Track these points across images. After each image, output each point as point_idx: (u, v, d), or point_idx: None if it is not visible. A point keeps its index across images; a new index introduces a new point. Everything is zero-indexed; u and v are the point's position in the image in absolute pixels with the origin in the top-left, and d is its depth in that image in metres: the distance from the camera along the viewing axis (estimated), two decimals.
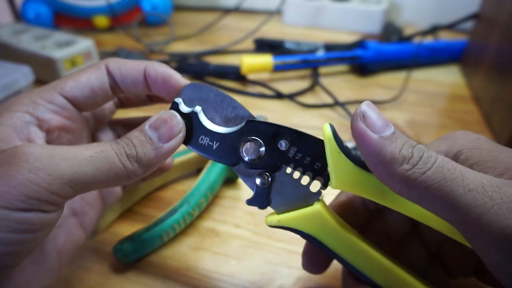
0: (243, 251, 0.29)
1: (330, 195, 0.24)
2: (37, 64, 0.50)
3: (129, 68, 0.23)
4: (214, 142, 0.21)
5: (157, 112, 0.22)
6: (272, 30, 0.75)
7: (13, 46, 0.53)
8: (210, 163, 0.33)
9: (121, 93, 0.24)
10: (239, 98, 0.51)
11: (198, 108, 0.21)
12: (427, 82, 0.56)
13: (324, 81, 0.56)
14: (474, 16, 0.56)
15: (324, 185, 0.21)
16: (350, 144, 0.38)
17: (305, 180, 0.21)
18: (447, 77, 0.58)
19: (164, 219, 0.28)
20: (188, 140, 0.21)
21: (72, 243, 0.23)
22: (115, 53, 0.60)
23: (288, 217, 0.21)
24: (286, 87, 0.53)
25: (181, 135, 0.21)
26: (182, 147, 0.22)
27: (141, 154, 0.20)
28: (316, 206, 0.21)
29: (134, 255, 0.27)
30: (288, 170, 0.21)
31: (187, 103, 0.22)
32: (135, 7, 0.73)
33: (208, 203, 0.32)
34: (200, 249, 0.29)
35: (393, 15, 0.81)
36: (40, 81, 0.51)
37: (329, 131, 0.20)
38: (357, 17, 0.75)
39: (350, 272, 0.22)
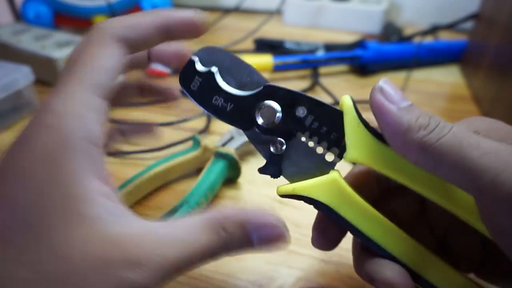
0: None
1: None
2: (37, 64, 0.50)
3: (142, 33, 0.20)
4: (229, 104, 0.20)
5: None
6: (272, 30, 0.75)
7: (13, 46, 0.53)
8: (210, 163, 0.33)
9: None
10: None
11: (214, 69, 0.21)
12: (427, 82, 0.56)
13: (324, 81, 0.56)
14: (474, 16, 0.56)
15: (339, 156, 0.20)
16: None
17: (320, 150, 0.21)
18: (447, 77, 0.58)
19: (163, 219, 0.28)
20: (201, 100, 0.21)
21: None
22: None
23: (303, 185, 0.20)
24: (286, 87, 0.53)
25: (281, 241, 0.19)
26: (183, 146, 0.22)
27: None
28: (333, 174, 0.20)
29: None
30: (303, 138, 0.20)
31: (202, 63, 0.21)
32: (135, 7, 0.73)
33: (208, 203, 0.32)
34: None
35: (393, 15, 0.81)
36: (40, 81, 0.51)
37: (350, 101, 0.20)
38: (357, 17, 0.75)
39: (364, 247, 0.21)
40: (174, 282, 0.26)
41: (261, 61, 0.54)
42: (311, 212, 0.33)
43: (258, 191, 0.34)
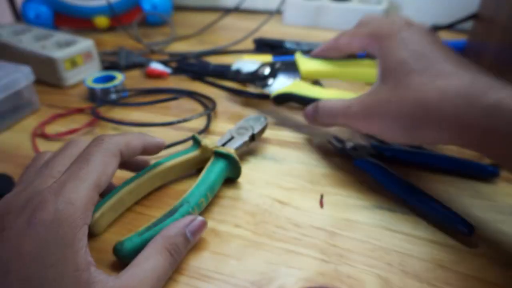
0: (243, 251, 0.29)
1: None
2: (38, 64, 0.50)
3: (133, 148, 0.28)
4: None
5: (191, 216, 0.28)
6: (272, 30, 0.75)
7: (13, 46, 0.53)
8: (210, 163, 0.33)
9: None
10: (239, 98, 0.51)
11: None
12: None
13: (324, 80, 0.56)
14: (473, 16, 0.56)
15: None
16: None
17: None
18: None
19: (164, 219, 0.28)
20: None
21: None
22: (116, 53, 0.60)
23: (286, 87, 0.43)
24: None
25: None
26: (183, 146, 0.22)
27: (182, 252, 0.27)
28: (296, 81, 0.44)
29: (134, 255, 0.27)
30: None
31: None
32: (135, 7, 0.73)
33: (208, 203, 0.32)
34: (200, 249, 0.29)
35: (392, 15, 0.81)
36: (40, 81, 0.52)
37: (300, 57, 0.45)
38: (357, 17, 0.74)
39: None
40: (174, 282, 0.26)
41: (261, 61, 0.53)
42: (311, 213, 0.33)
43: (258, 191, 0.35)
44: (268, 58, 0.54)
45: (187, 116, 0.42)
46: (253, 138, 0.38)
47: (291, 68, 0.44)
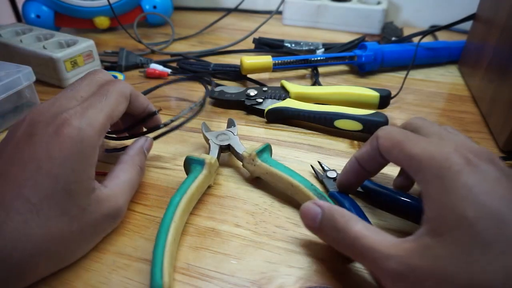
0: (243, 250, 0.29)
1: None
2: (38, 64, 0.50)
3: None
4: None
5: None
6: (272, 30, 0.75)
7: (14, 47, 0.53)
8: (266, 163, 0.34)
9: None
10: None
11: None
12: (426, 82, 0.57)
13: (323, 80, 0.56)
14: (472, 17, 0.56)
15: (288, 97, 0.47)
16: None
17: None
18: (446, 77, 0.58)
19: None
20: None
21: None
22: (116, 53, 0.61)
23: (279, 103, 0.45)
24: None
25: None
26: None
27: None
28: (288, 99, 0.46)
29: None
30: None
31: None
32: (135, 7, 0.73)
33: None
34: (201, 249, 0.29)
35: (392, 15, 0.82)
36: (41, 81, 0.52)
37: (287, 82, 0.48)
38: (356, 17, 0.75)
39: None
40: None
41: (261, 61, 0.54)
42: None
43: (258, 190, 0.35)
44: (268, 58, 0.54)
45: (187, 116, 0.42)
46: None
47: (276, 93, 0.47)
